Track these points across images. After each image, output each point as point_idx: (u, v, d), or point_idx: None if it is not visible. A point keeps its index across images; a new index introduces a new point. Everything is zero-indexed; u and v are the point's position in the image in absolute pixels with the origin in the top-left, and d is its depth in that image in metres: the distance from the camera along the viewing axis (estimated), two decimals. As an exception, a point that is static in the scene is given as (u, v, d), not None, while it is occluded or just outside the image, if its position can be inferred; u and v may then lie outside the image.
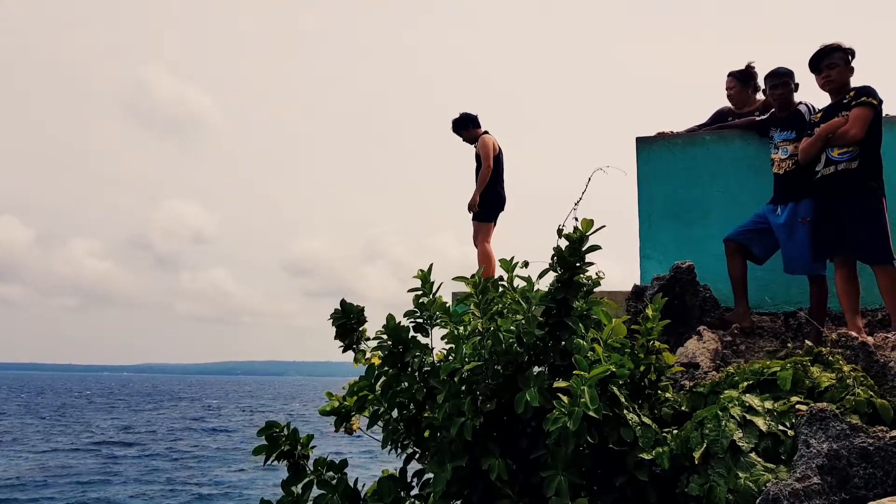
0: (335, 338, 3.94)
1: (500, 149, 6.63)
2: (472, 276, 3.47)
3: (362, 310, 3.92)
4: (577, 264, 3.13)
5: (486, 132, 6.65)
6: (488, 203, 6.64)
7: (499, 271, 3.61)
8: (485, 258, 6.66)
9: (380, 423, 3.72)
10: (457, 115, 6.75)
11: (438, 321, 3.57)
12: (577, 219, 3.20)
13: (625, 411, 2.78)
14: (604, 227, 3.09)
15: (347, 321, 3.87)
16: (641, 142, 5.12)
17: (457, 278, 3.56)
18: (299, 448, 3.79)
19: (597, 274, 3.22)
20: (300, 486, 3.66)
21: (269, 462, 3.78)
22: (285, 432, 3.80)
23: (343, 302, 3.91)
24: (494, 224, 6.73)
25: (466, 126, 6.69)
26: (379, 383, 3.57)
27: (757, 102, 5.11)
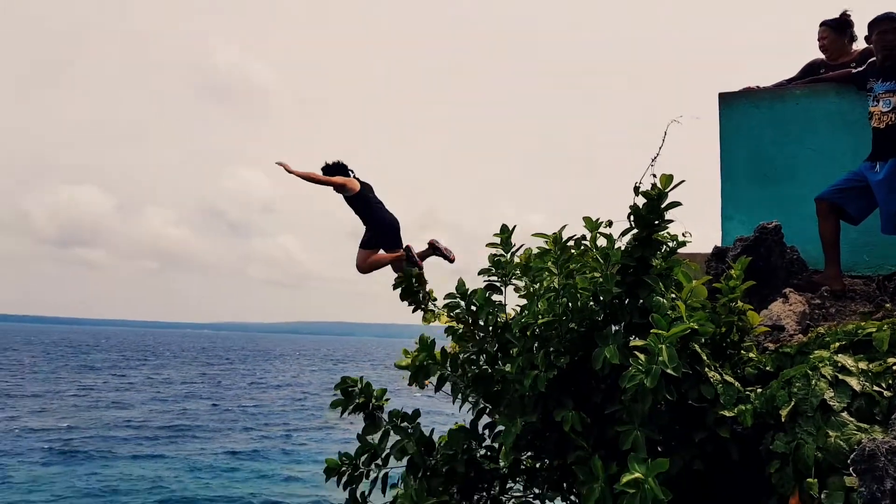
0: (401, 299, 4.03)
1: (363, 184, 7.04)
2: (554, 234, 3.44)
3: (420, 273, 4.00)
4: (656, 222, 3.06)
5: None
6: (376, 233, 7.07)
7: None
8: (384, 260, 7.13)
9: (448, 383, 3.79)
10: (332, 161, 7.19)
11: (513, 280, 3.57)
12: (654, 175, 3.12)
13: (706, 369, 2.72)
14: (683, 181, 2.99)
15: (409, 284, 3.95)
16: (725, 98, 4.89)
17: (536, 234, 3.54)
18: (374, 400, 3.91)
19: (682, 234, 3.13)
20: (377, 436, 3.79)
21: (344, 415, 3.92)
22: (359, 386, 3.92)
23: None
24: (377, 251, 7.17)
25: (333, 174, 7.06)
26: (437, 351, 3.61)
27: (853, 53, 4.80)
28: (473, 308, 3.59)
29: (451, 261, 7.39)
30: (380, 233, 7.13)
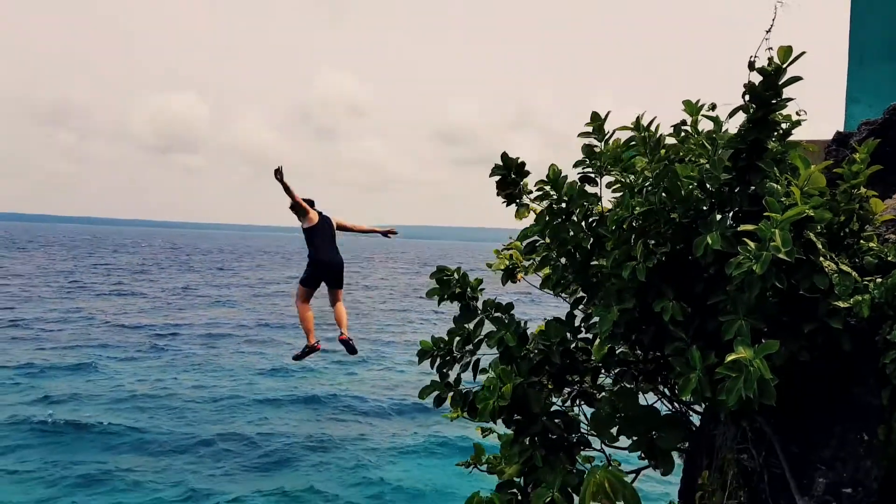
0: (497, 193, 3.96)
1: (322, 220, 7.85)
2: (637, 119, 3.26)
3: (523, 164, 3.90)
4: (773, 101, 2.84)
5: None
6: (312, 270, 7.92)
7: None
8: (302, 317, 8.12)
9: (549, 267, 3.77)
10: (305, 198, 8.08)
11: (609, 170, 3.45)
12: (770, 48, 2.86)
13: (820, 258, 2.57)
14: (804, 53, 2.74)
15: (508, 174, 3.87)
16: (857, -33, 4.38)
17: (621, 128, 3.39)
18: (469, 290, 3.97)
19: (797, 113, 2.90)
20: (472, 323, 3.87)
21: (440, 304, 4.01)
22: (456, 276, 3.98)
23: (504, 156, 3.89)
24: (316, 287, 8.05)
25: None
26: (547, 231, 3.57)
27: None
28: (564, 201, 3.51)
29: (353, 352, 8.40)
30: (316, 270, 7.92)
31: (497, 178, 3.72)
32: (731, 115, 2.95)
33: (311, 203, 8.08)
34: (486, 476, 4.25)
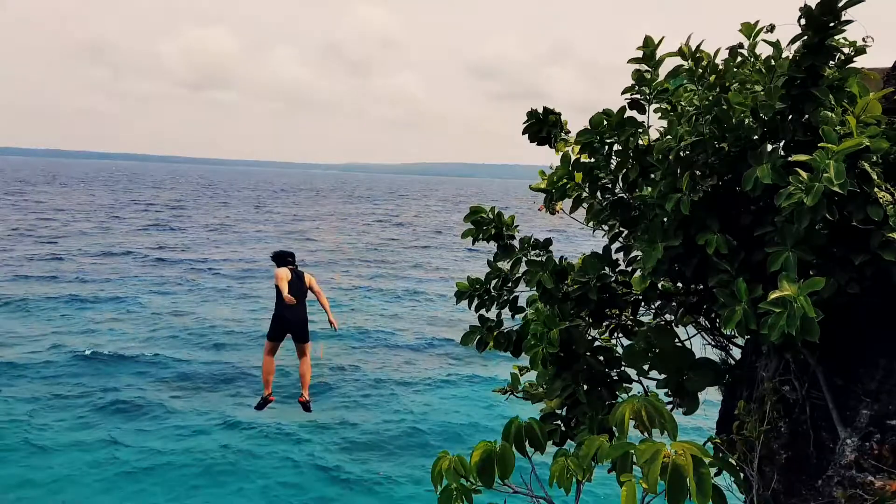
0: (530, 140, 3.90)
1: (293, 276, 8.63)
2: (682, 46, 3.13)
3: (559, 115, 3.82)
4: (831, 24, 2.70)
5: (281, 267, 8.86)
6: (273, 326, 8.76)
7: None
8: (264, 369, 8.94)
9: (584, 206, 3.72)
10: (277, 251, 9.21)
11: (657, 98, 3.35)
12: None
13: (875, 189, 2.49)
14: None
15: (541, 125, 3.80)
16: None
17: (669, 54, 3.27)
18: (505, 229, 3.95)
19: (863, 39, 2.76)
20: (508, 262, 3.85)
21: (475, 244, 3.99)
22: (490, 216, 3.95)
23: (532, 112, 3.81)
24: (281, 340, 8.89)
25: (276, 262, 9.02)
26: (578, 173, 3.52)
27: None
28: (611, 136, 3.42)
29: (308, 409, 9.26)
30: (280, 325, 8.71)
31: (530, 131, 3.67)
32: (793, 41, 2.82)
33: (291, 256, 8.95)
34: (519, 408, 4.33)
